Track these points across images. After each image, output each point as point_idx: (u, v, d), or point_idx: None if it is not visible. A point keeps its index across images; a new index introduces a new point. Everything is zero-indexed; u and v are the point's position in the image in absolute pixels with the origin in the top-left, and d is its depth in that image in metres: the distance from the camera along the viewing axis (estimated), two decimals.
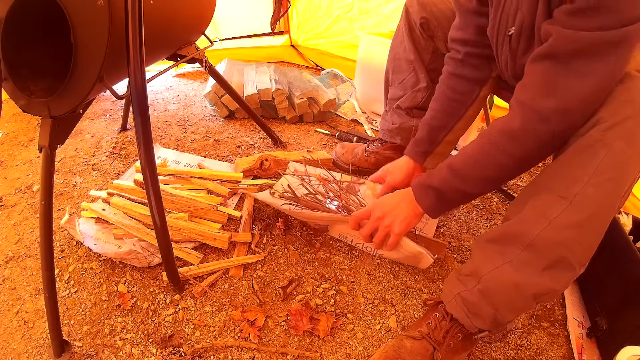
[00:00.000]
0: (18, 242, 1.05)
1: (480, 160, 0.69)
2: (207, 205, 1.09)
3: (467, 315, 0.70)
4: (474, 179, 0.71)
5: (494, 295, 0.66)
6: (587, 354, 0.86)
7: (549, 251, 0.59)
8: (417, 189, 0.80)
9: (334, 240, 1.10)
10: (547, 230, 0.58)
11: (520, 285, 0.62)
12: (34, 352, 0.80)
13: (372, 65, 1.68)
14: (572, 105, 0.58)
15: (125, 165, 1.36)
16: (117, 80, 0.86)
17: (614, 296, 0.88)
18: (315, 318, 0.88)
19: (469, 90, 0.90)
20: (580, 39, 0.54)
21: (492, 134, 0.67)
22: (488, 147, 0.68)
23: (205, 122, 1.69)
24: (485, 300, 0.67)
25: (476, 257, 0.71)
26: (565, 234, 0.57)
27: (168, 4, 0.96)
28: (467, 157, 0.71)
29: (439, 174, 0.75)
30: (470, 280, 0.70)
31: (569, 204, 0.57)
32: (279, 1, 2.08)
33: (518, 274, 0.62)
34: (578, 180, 0.56)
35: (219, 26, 2.20)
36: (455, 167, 0.72)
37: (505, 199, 1.33)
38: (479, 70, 0.88)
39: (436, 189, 0.75)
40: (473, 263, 0.71)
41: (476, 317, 0.69)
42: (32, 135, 1.52)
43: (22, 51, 0.73)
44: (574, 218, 0.57)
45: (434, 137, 0.96)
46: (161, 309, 0.89)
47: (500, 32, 0.75)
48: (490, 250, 0.67)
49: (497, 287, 0.65)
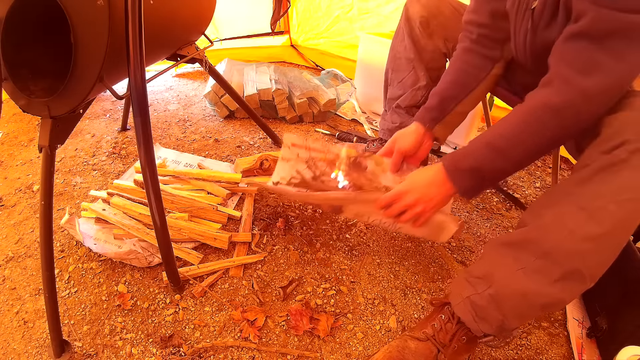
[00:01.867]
0: (18, 242, 1.05)
1: (525, 135, 0.66)
2: (207, 205, 1.09)
3: (474, 319, 0.69)
4: (518, 155, 0.68)
5: (504, 301, 0.65)
6: (587, 354, 0.86)
7: (564, 262, 0.59)
8: (452, 170, 0.74)
9: (333, 240, 1.10)
10: (565, 241, 0.58)
11: (530, 294, 0.62)
12: (34, 352, 0.80)
13: (372, 65, 1.68)
14: (612, 85, 0.59)
15: (125, 165, 1.36)
16: (117, 80, 0.86)
17: (614, 296, 0.88)
18: (315, 318, 0.88)
19: (482, 65, 0.91)
20: (619, 20, 0.54)
21: (534, 108, 0.65)
22: (532, 122, 0.65)
23: (205, 122, 1.69)
24: (495, 305, 0.66)
25: (488, 260, 0.70)
26: (582, 246, 0.57)
27: (168, 4, 0.96)
28: (508, 132, 0.68)
29: (476, 153, 0.70)
30: (481, 284, 0.68)
31: (589, 217, 0.56)
32: (279, 1, 2.09)
33: (530, 283, 0.61)
34: (600, 196, 0.56)
35: (219, 26, 2.20)
36: (496, 144, 0.68)
37: (505, 198, 1.33)
38: (491, 50, 0.89)
39: (475, 169, 0.71)
40: (485, 266, 0.70)
41: (483, 322, 0.69)
42: (32, 135, 1.52)
43: (22, 51, 0.72)
44: (593, 231, 0.56)
45: (445, 105, 0.94)
46: (161, 309, 0.89)
47: (521, 6, 0.75)
48: (504, 255, 0.66)
49: (508, 294, 0.64)
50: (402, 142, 0.94)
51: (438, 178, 0.76)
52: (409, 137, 0.95)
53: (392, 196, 0.80)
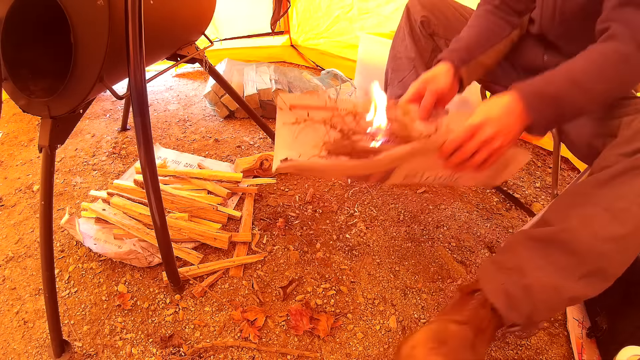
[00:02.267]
0: (18, 242, 1.05)
1: (603, 73, 0.65)
2: (207, 205, 1.09)
3: (507, 307, 0.70)
4: (597, 92, 0.66)
5: (536, 293, 0.67)
6: (587, 354, 0.86)
7: (590, 261, 0.62)
8: (531, 97, 0.67)
9: (333, 240, 1.10)
10: (591, 241, 0.61)
11: (560, 288, 0.65)
12: (34, 352, 0.80)
13: (372, 65, 1.68)
14: None
15: (125, 165, 1.36)
16: (117, 80, 0.86)
17: (614, 296, 0.88)
18: (315, 318, 0.88)
19: (504, 26, 0.93)
20: None
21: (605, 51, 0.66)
22: (609, 62, 0.65)
23: (205, 122, 1.68)
24: (527, 296, 0.68)
25: (517, 253, 0.71)
26: (607, 247, 0.60)
27: (168, 4, 0.96)
28: (587, 68, 0.66)
29: (557, 84, 0.66)
30: (514, 275, 0.70)
31: (613, 218, 0.59)
32: (279, 1, 2.08)
33: (559, 278, 0.64)
34: (623, 197, 0.59)
35: (219, 26, 2.20)
36: (577, 78, 0.66)
37: (505, 198, 1.33)
38: (511, 17, 0.93)
39: (556, 98, 0.66)
40: (514, 258, 0.71)
41: (514, 311, 0.70)
42: (32, 135, 1.52)
43: (22, 51, 0.72)
44: (616, 232, 0.59)
45: (471, 50, 0.91)
46: (161, 309, 0.89)
47: None
48: (534, 249, 0.69)
49: (539, 287, 0.67)
50: (436, 83, 0.85)
51: (514, 106, 0.67)
52: (442, 77, 0.86)
53: (466, 133, 0.67)
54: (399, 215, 1.21)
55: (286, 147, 0.73)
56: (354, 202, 1.24)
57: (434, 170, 0.73)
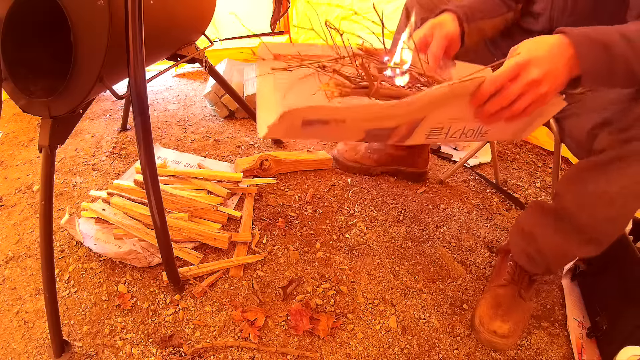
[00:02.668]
0: (18, 242, 1.05)
1: None
2: (207, 205, 1.09)
3: (528, 264, 0.90)
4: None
5: (548, 255, 0.85)
6: (587, 354, 0.86)
7: (590, 232, 0.75)
8: (581, 39, 0.59)
9: (333, 240, 1.10)
10: (589, 221, 0.74)
11: (565, 250, 0.82)
12: (34, 352, 0.80)
13: None
14: None
15: (125, 165, 1.36)
16: (117, 80, 0.86)
17: (613, 296, 0.88)
18: (315, 318, 0.88)
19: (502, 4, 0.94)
20: None
21: None
22: None
23: (205, 122, 1.68)
24: (541, 257, 0.86)
25: (534, 219, 0.87)
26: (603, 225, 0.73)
27: (168, 4, 0.96)
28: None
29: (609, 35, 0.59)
30: (530, 240, 0.87)
31: (610, 200, 0.68)
32: (279, 1, 2.09)
33: (565, 243, 0.80)
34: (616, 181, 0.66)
35: (219, 26, 2.20)
36: (632, 37, 0.59)
37: (505, 198, 1.33)
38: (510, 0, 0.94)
39: (607, 46, 0.59)
40: (531, 224, 0.87)
41: (535, 267, 0.90)
42: (32, 135, 1.52)
43: (22, 51, 0.72)
44: (612, 213, 0.70)
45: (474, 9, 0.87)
46: (161, 309, 0.89)
47: None
48: (546, 217, 0.83)
49: (550, 250, 0.84)
50: (445, 27, 0.78)
51: (564, 50, 0.59)
52: (450, 22, 0.80)
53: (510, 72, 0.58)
54: (399, 215, 1.21)
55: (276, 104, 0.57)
56: (354, 202, 1.24)
57: (463, 122, 0.63)
